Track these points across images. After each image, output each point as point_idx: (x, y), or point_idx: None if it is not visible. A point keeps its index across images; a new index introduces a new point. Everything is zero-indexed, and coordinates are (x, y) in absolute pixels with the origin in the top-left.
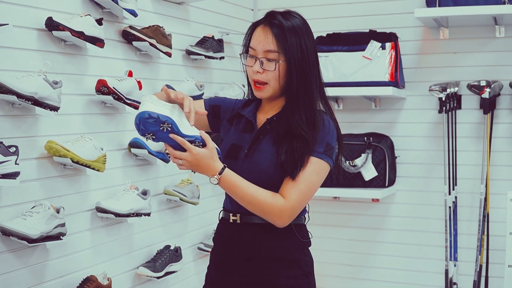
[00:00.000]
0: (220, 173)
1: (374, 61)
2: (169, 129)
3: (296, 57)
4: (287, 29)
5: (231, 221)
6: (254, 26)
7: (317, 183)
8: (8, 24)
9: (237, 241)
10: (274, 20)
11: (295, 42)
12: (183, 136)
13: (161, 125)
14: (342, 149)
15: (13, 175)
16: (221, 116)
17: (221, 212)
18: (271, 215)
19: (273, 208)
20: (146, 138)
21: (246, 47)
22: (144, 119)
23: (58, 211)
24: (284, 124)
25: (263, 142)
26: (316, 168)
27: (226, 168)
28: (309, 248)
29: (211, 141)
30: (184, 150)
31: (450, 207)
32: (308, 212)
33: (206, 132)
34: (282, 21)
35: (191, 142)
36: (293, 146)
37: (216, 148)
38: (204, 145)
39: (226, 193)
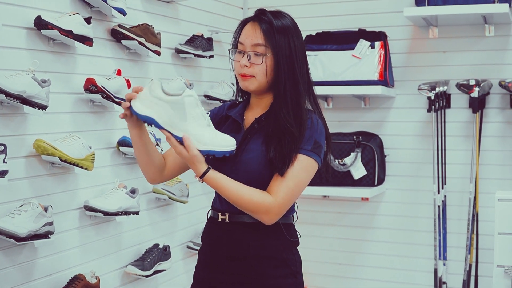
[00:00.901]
0: (201, 176)
1: (364, 60)
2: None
3: (284, 53)
4: (275, 27)
5: (219, 220)
6: (243, 23)
7: (305, 181)
8: None
9: (226, 240)
10: (264, 16)
11: (283, 39)
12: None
13: (144, 121)
14: (330, 148)
15: (1, 174)
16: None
17: (210, 211)
18: (258, 213)
19: (260, 205)
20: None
21: (235, 43)
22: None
23: (46, 210)
24: (273, 122)
25: (252, 141)
26: (304, 165)
27: (210, 170)
28: (297, 247)
29: (194, 149)
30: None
31: (439, 206)
32: (296, 212)
33: None
34: (272, 19)
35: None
36: (282, 143)
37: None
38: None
39: (216, 192)
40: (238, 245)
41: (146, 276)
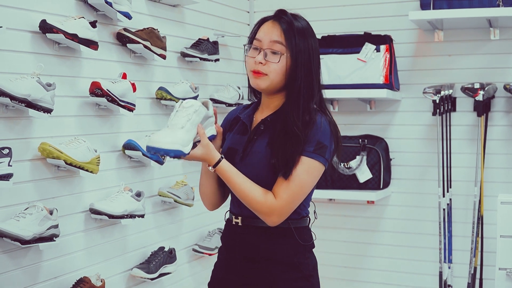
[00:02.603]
0: (214, 166)
1: (369, 64)
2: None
3: (303, 56)
4: (296, 28)
5: (233, 223)
6: (262, 21)
7: (309, 183)
8: (1, 26)
9: (239, 242)
10: (285, 16)
11: (302, 42)
12: (175, 152)
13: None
14: (339, 148)
15: (6, 177)
16: (227, 132)
17: (227, 212)
18: (261, 213)
19: (263, 206)
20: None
21: (251, 39)
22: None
23: (51, 213)
24: (280, 123)
25: (257, 143)
26: (306, 167)
27: (223, 161)
28: (313, 249)
29: (205, 138)
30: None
31: (444, 209)
32: (315, 213)
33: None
34: (292, 20)
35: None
36: (286, 146)
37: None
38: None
39: (231, 196)
40: (250, 248)
41: (152, 279)
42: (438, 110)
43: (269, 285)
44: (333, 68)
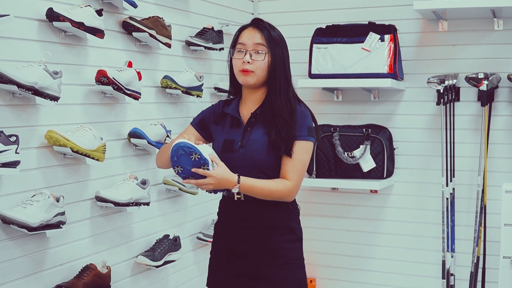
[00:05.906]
0: (238, 182)
1: (373, 53)
2: (198, 158)
3: (280, 55)
4: (272, 35)
5: (235, 199)
6: (242, 29)
7: (308, 161)
8: (9, 15)
9: (242, 214)
10: (262, 23)
11: (278, 43)
12: (205, 159)
13: (192, 155)
14: (317, 126)
15: (13, 164)
16: (207, 124)
17: (224, 191)
18: (283, 197)
19: (284, 192)
20: (176, 171)
21: (234, 44)
22: (179, 147)
23: (58, 200)
24: (270, 112)
25: (253, 133)
26: (304, 148)
27: (241, 177)
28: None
29: (219, 160)
30: (204, 177)
31: (447, 199)
32: None
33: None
34: (268, 27)
35: (204, 165)
36: (279, 128)
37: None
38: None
39: None
40: (252, 218)
41: (157, 267)
42: (442, 100)
43: (272, 247)
44: (337, 57)
